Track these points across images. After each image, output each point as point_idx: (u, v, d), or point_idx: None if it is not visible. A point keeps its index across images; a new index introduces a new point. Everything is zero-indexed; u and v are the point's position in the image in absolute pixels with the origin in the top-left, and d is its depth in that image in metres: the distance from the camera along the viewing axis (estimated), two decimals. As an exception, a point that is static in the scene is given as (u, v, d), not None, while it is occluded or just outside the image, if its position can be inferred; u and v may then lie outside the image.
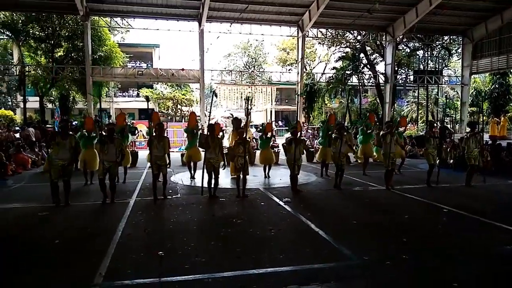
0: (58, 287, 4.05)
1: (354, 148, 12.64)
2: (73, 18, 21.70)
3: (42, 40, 21.94)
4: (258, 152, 12.21)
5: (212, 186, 8.46)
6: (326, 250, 5.10)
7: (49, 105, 26.25)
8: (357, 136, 13.06)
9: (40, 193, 8.71)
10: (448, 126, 24.90)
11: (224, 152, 8.90)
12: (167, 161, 8.31)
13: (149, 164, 10.15)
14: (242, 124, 10.10)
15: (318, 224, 6.19)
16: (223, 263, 4.59)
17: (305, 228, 6.16)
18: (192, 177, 10.75)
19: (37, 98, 23.95)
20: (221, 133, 9.72)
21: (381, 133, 10.24)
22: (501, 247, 5.29)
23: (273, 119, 34.99)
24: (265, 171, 11.08)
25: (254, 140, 16.90)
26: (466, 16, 23.25)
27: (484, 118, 28.48)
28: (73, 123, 14.97)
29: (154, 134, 8.36)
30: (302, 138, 9.76)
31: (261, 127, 13.41)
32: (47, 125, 21.02)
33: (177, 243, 5.33)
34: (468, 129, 10.06)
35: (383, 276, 4.32)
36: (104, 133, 8.22)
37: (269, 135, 11.38)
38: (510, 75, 29.73)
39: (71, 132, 8.34)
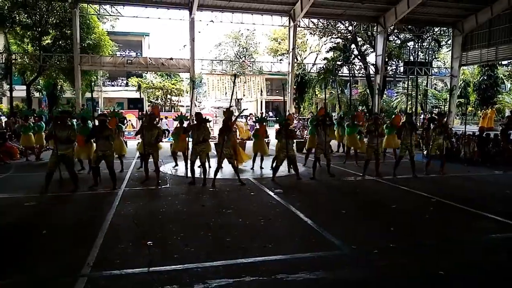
0: (45, 277, 4.01)
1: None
2: (61, 5, 21.27)
3: (29, 27, 21.46)
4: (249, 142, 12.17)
5: (202, 175, 8.58)
6: (315, 240, 5.13)
7: (36, 94, 25.83)
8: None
9: (27, 183, 8.61)
10: (436, 117, 25.11)
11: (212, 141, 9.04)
12: (157, 150, 8.83)
13: (138, 153, 10.30)
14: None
15: (307, 214, 6.22)
16: (212, 253, 4.59)
17: (294, 218, 6.18)
18: (174, 167, 10.93)
19: (24, 87, 23.55)
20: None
21: (366, 125, 10.50)
22: (487, 236, 5.39)
23: (263, 109, 34.97)
24: (254, 161, 11.02)
25: (245, 130, 16.85)
26: (457, 8, 23.35)
27: (472, 109, 28.93)
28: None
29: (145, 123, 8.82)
30: (292, 129, 9.76)
31: (255, 118, 13.39)
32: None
33: (166, 233, 5.32)
34: (447, 120, 10.42)
35: (370, 264, 4.37)
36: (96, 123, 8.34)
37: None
38: (498, 67, 30.04)
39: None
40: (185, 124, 10.72)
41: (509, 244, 5.16)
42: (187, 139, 9.49)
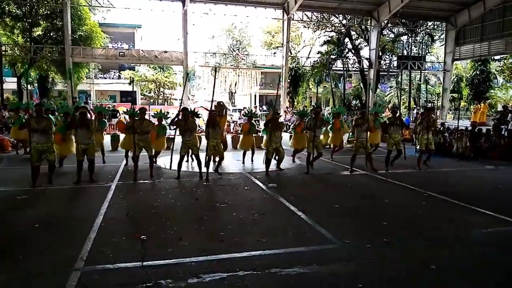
0: (38, 272, 3.97)
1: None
2: (51, -4, 20.97)
3: (19, 18, 21.13)
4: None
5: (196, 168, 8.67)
6: (309, 234, 5.15)
7: (28, 86, 25.50)
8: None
9: (19, 176, 8.52)
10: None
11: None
12: (151, 144, 8.70)
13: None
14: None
15: (301, 208, 6.24)
16: (206, 247, 4.58)
17: (288, 212, 6.20)
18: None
19: (15, 79, 23.24)
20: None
21: (354, 119, 10.60)
22: (479, 230, 5.44)
23: (257, 103, 34.88)
24: (244, 156, 10.99)
25: (238, 124, 16.82)
26: (450, 2, 23.39)
27: (464, 104, 29.10)
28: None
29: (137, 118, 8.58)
30: (281, 122, 9.82)
31: (245, 112, 13.28)
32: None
33: (160, 227, 5.30)
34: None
35: (364, 258, 4.39)
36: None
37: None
38: (491, 62, 30.20)
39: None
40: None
41: (500, 239, 5.22)
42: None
